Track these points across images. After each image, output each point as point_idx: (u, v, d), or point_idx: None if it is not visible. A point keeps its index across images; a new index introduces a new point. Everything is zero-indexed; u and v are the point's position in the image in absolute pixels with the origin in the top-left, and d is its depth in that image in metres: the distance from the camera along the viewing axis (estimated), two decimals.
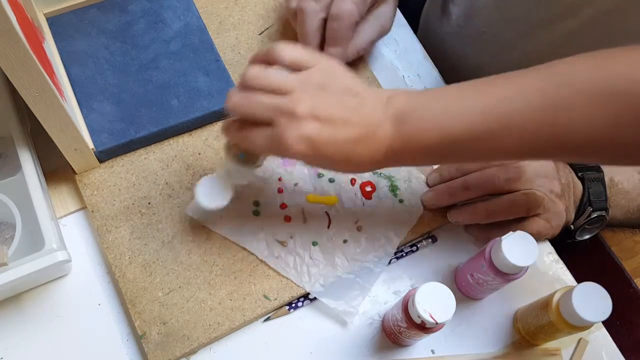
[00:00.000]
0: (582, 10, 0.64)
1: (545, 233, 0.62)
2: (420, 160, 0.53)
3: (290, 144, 0.47)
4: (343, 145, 0.48)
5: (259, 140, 0.49)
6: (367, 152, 0.49)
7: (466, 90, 0.49)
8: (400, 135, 0.48)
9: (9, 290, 0.58)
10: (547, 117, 0.45)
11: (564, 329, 0.54)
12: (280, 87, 0.48)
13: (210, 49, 0.69)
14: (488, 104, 0.47)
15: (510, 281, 0.55)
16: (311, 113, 0.47)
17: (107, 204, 0.62)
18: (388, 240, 0.62)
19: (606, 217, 0.62)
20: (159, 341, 0.56)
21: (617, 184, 0.64)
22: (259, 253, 0.60)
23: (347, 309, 0.59)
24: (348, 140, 0.48)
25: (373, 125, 0.48)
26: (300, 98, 0.47)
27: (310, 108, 0.47)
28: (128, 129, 0.63)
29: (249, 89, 0.49)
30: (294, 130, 0.47)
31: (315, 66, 0.50)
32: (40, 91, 0.49)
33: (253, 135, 0.49)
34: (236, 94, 0.49)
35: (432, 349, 0.60)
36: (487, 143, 0.47)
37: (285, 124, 0.47)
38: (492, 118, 0.47)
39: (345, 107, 0.48)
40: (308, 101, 0.47)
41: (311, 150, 0.47)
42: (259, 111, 0.48)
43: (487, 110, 0.47)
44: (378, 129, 0.48)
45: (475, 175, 0.62)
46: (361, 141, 0.48)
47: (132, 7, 0.70)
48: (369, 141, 0.49)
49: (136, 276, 0.59)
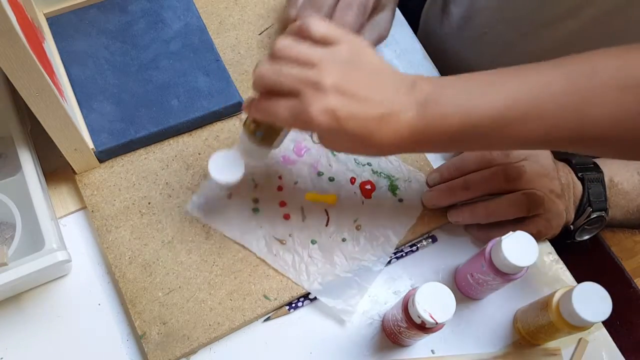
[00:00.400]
0: (582, 11, 0.64)
1: (545, 233, 0.62)
2: (442, 146, 0.53)
3: (313, 115, 0.46)
4: (365, 122, 0.47)
5: (282, 111, 0.48)
6: (389, 133, 0.48)
7: (491, 77, 0.49)
8: (424, 120, 0.48)
9: (9, 290, 0.58)
10: (571, 107, 0.46)
11: (564, 329, 0.54)
12: (309, 59, 0.48)
13: (210, 49, 0.69)
14: (513, 91, 0.47)
15: (510, 281, 0.55)
16: (337, 86, 0.47)
17: (107, 204, 0.62)
18: (387, 239, 0.62)
19: (606, 217, 0.62)
20: (159, 341, 0.56)
21: (617, 185, 0.64)
22: (258, 251, 0.61)
23: (345, 307, 0.59)
24: (371, 117, 0.47)
25: (397, 107, 0.48)
26: (328, 71, 0.47)
27: (337, 81, 0.47)
28: (128, 129, 0.63)
29: (277, 59, 0.49)
30: (319, 102, 0.47)
31: (344, 43, 0.49)
32: (40, 91, 0.49)
33: (277, 106, 0.49)
34: (264, 64, 0.49)
35: (432, 349, 0.60)
36: (509, 130, 0.48)
37: (310, 95, 0.47)
38: (516, 106, 0.47)
39: (371, 86, 0.48)
40: (335, 75, 0.47)
41: (333, 123, 0.47)
42: (285, 81, 0.48)
43: (511, 97, 0.47)
44: (401, 112, 0.48)
45: (476, 175, 0.62)
46: (384, 121, 0.48)
47: (132, 7, 0.70)
48: (392, 122, 0.48)
49: (136, 276, 0.59)
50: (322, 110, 0.47)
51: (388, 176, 0.66)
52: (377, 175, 0.66)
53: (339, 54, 0.49)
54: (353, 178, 0.65)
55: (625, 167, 0.64)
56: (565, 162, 0.65)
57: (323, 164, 0.66)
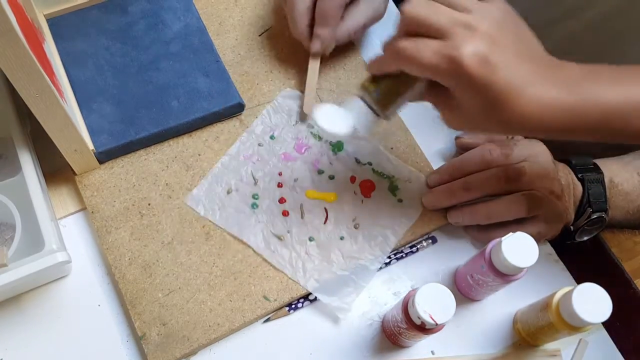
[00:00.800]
0: (583, 12, 0.64)
1: (545, 234, 0.62)
2: (587, 131, 0.49)
3: (464, 56, 0.44)
4: (516, 78, 0.45)
5: (426, 50, 0.45)
6: (534, 102, 0.45)
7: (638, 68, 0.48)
8: (572, 100, 0.46)
9: (9, 291, 0.58)
10: None
11: (564, 329, 0.54)
12: (462, 4, 0.46)
13: (210, 50, 0.69)
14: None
15: (510, 282, 0.55)
16: (491, 34, 0.45)
17: (107, 205, 0.62)
18: (385, 239, 0.62)
19: (606, 218, 0.62)
20: (158, 342, 0.56)
21: (617, 185, 0.64)
22: (256, 246, 0.61)
23: (341, 305, 0.59)
24: (522, 76, 0.45)
25: (547, 78, 0.46)
26: (482, 17, 0.45)
27: (491, 30, 0.45)
28: (128, 130, 0.63)
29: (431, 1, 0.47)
30: (471, 44, 0.44)
31: (498, 3, 0.48)
32: (40, 92, 0.49)
33: (422, 44, 0.46)
34: (418, 1, 0.47)
35: (432, 350, 0.60)
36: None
37: (462, 35, 0.44)
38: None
39: (525, 47, 0.47)
40: (489, 23, 0.45)
41: (484, 70, 0.44)
42: (438, 19, 0.45)
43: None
44: (551, 85, 0.46)
45: (476, 176, 0.62)
46: (533, 86, 0.45)
47: (132, 8, 0.70)
48: (540, 91, 0.45)
49: (136, 277, 0.59)
50: (474, 52, 0.44)
51: (388, 176, 0.66)
52: (378, 175, 0.66)
53: (494, 10, 0.47)
54: (353, 177, 0.65)
55: (625, 168, 0.64)
56: (565, 162, 0.65)
57: (323, 162, 0.66)
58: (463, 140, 0.67)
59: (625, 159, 0.65)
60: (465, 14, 0.46)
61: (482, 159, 0.62)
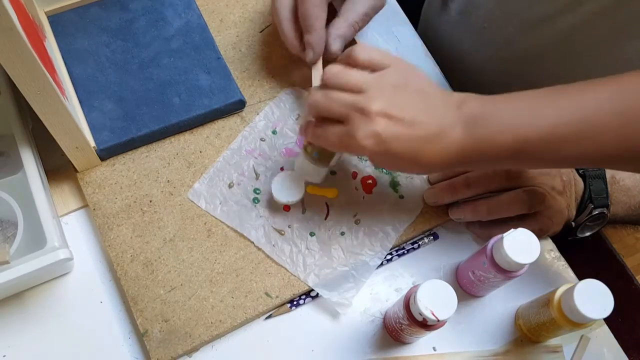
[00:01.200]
0: (582, 6, 0.64)
1: (546, 230, 0.62)
2: (490, 164, 0.54)
3: (359, 139, 0.49)
4: (412, 143, 0.49)
5: (332, 136, 0.52)
6: (437, 153, 0.50)
7: (539, 96, 0.50)
8: (472, 138, 0.49)
9: (11, 289, 0.58)
10: (621, 126, 0.46)
11: (565, 325, 0.54)
12: (357, 85, 0.51)
13: (211, 47, 0.69)
14: (563, 110, 0.48)
15: (511, 278, 0.55)
16: (383, 111, 0.49)
17: (109, 202, 0.62)
18: (386, 235, 0.62)
19: (607, 214, 0.62)
20: (160, 339, 0.56)
21: (619, 181, 0.64)
22: (256, 240, 0.61)
23: (340, 300, 0.59)
24: (417, 139, 0.49)
25: (444, 127, 0.50)
26: (374, 96, 0.50)
27: (383, 106, 0.49)
28: (129, 127, 0.63)
29: (328, 86, 0.52)
30: (365, 127, 0.49)
31: (390, 66, 0.52)
32: (42, 89, 0.49)
33: (327, 132, 0.52)
34: (317, 92, 0.52)
35: (433, 346, 0.60)
36: (560, 149, 0.48)
37: (357, 120, 0.49)
38: (565, 124, 0.48)
39: (418, 107, 0.50)
40: (382, 100, 0.49)
41: (379, 147, 0.49)
42: (335, 108, 0.51)
43: (561, 116, 0.48)
44: (449, 131, 0.50)
45: (477, 173, 0.62)
46: (431, 141, 0.49)
47: (133, 5, 0.70)
48: (439, 142, 0.50)
49: (138, 274, 0.59)
50: (369, 134, 0.49)
51: (390, 172, 0.66)
52: (379, 171, 0.66)
53: (386, 78, 0.51)
54: (355, 173, 0.65)
55: None
56: None
57: None
58: None
59: None
60: (360, 95, 0.50)
61: None
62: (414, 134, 0.49)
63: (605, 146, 0.48)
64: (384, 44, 0.75)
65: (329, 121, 0.52)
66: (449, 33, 0.84)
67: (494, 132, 0.49)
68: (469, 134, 0.49)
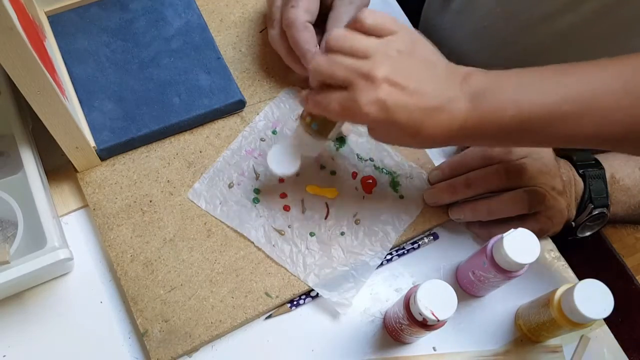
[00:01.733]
0: (583, 5, 0.64)
1: (546, 230, 0.62)
2: (492, 140, 0.53)
3: (363, 105, 0.47)
4: (415, 113, 0.48)
5: (334, 103, 0.49)
6: (439, 125, 0.49)
7: (545, 72, 0.49)
8: (476, 113, 0.49)
9: (11, 289, 0.58)
10: (627, 104, 0.46)
11: (565, 325, 0.54)
12: (361, 50, 0.49)
13: (211, 47, 0.69)
14: (568, 87, 0.48)
15: (511, 278, 0.55)
16: (388, 78, 0.47)
17: (109, 202, 0.62)
18: (386, 235, 0.62)
19: (607, 214, 0.62)
20: (160, 339, 0.56)
21: (619, 181, 0.64)
22: (256, 240, 0.61)
23: (341, 300, 0.59)
24: (421, 109, 0.48)
25: (448, 99, 0.49)
26: (380, 62, 0.48)
27: (388, 73, 0.48)
28: (129, 127, 0.63)
29: (331, 51, 0.50)
30: (369, 93, 0.47)
31: (397, 33, 0.50)
32: (42, 89, 0.49)
33: (329, 98, 0.50)
34: (319, 55, 0.50)
35: (433, 346, 0.60)
36: (564, 126, 0.48)
37: (361, 86, 0.48)
38: (571, 101, 0.47)
39: (423, 77, 0.49)
40: (387, 66, 0.48)
41: (383, 114, 0.48)
42: (338, 72, 0.49)
43: (567, 93, 0.47)
44: (453, 104, 0.49)
45: (477, 173, 0.62)
46: (434, 113, 0.48)
47: (133, 5, 0.70)
48: (442, 114, 0.49)
49: (138, 274, 0.59)
50: (372, 101, 0.47)
51: (390, 172, 0.66)
52: (379, 171, 0.66)
53: (392, 44, 0.49)
54: (355, 172, 0.65)
55: (626, 163, 0.64)
56: (567, 159, 0.65)
57: (325, 158, 0.66)
58: None
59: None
60: (364, 60, 0.48)
61: (484, 156, 0.62)
62: (418, 104, 0.48)
63: (611, 125, 0.47)
64: None
65: (331, 88, 0.50)
66: (449, 33, 0.84)
67: (498, 107, 0.48)
68: (473, 108, 0.49)
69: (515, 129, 0.49)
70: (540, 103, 0.48)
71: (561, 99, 0.48)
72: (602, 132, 0.48)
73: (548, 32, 0.70)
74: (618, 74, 0.47)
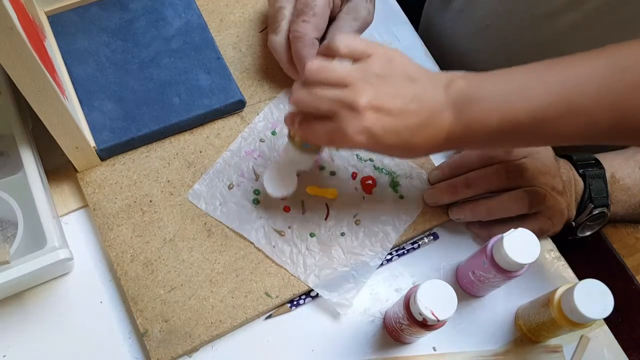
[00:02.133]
0: (585, 3, 0.64)
1: (546, 230, 0.62)
2: (480, 145, 0.54)
3: (350, 135, 0.48)
4: (403, 133, 0.49)
5: (321, 133, 0.50)
6: (427, 138, 0.49)
7: (527, 73, 0.49)
8: (461, 121, 0.49)
9: (11, 289, 0.58)
10: (611, 100, 0.46)
11: (565, 325, 0.54)
12: (341, 79, 0.49)
13: (211, 47, 0.69)
14: (551, 87, 0.47)
15: (511, 278, 0.55)
16: (371, 104, 0.48)
17: (109, 202, 0.62)
18: (386, 235, 0.62)
19: (607, 213, 0.62)
20: (160, 339, 0.56)
21: (619, 180, 0.64)
22: (256, 241, 0.61)
23: (341, 300, 0.59)
24: (408, 128, 0.49)
25: (433, 112, 0.49)
26: (361, 89, 0.48)
27: (370, 99, 0.48)
28: (129, 127, 0.63)
29: (311, 83, 0.50)
30: (355, 123, 0.48)
31: (373, 55, 0.50)
32: (42, 89, 0.49)
33: (315, 129, 0.50)
34: (299, 88, 0.51)
35: (433, 346, 0.60)
36: (550, 127, 0.48)
37: (346, 116, 0.48)
38: (556, 101, 0.47)
39: (405, 95, 0.49)
40: (368, 92, 0.48)
41: (371, 141, 0.48)
42: (321, 105, 0.49)
43: (551, 93, 0.47)
44: (438, 116, 0.49)
45: (477, 173, 0.62)
46: (421, 129, 0.49)
47: (133, 5, 0.70)
48: (429, 128, 0.49)
49: (138, 274, 0.59)
50: (360, 130, 0.48)
51: (390, 172, 0.66)
52: (379, 172, 0.66)
53: (370, 68, 0.49)
54: (355, 173, 0.65)
55: (626, 162, 0.64)
56: (567, 158, 0.65)
57: (325, 158, 0.66)
58: None
59: (627, 153, 0.65)
60: (345, 90, 0.48)
61: (484, 155, 0.62)
62: (404, 124, 0.48)
63: (598, 123, 0.47)
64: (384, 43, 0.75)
65: (315, 117, 0.51)
66: (450, 32, 0.84)
67: (482, 115, 0.48)
68: (458, 118, 0.49)
69: (501, 134, 0.49)
70: (523, 106, 0.48)
71: (545, 102, 0.47)
72: (588, 131, 0.48)
73: (550, 31, 0.70)
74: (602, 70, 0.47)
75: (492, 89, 0.49)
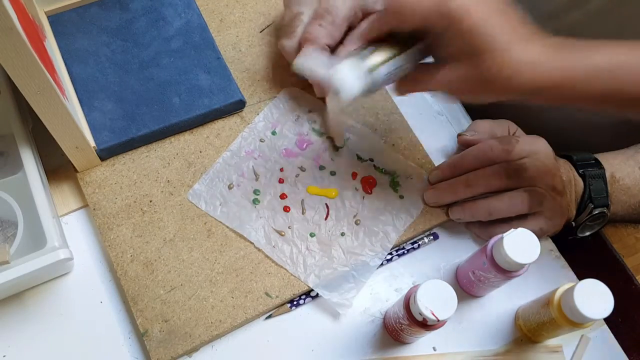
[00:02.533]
0: (588, 3, 0.64)
1: (546, 230, 0.62)
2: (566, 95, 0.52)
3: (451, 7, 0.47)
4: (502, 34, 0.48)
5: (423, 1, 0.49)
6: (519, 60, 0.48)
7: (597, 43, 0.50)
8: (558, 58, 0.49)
9: (11, 289, 0.58)
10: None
11: (565, 325, 0.54)
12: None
13: (211, 47, 0.69)
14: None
15: (511, 278, 0.55)
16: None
17: (109, 201, 0.62)
18: (386, 235, 0.62)
19: (607, 213, 0.62)
20: (160, 339, 0.56)
21: (619, 180, 0.64)
22: (256, 241, 0.61)
23: (341, 300, 0.59)
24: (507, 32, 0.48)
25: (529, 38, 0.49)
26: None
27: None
28: (129, 127, 0.63)
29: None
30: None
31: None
32: (42, 89, 0.49)
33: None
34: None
35: (433, 346, 0.60)
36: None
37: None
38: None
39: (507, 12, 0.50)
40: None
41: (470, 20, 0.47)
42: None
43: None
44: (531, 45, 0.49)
45: (477, 173, 0.62)
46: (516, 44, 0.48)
47: (133, 4, 0.70)
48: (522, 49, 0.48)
49: (138, 274, 0.59)
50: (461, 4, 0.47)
51: (390, 172, 0.66)
52: (379, 172, 0.66)
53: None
54: (354, 173, 0.65)
55: (626, 162, 0.64)
56: (566, 158, 0.65)
57: (325, 158, 0.66)
58: (464, 137, 0.67)
59: (627, 153, 0.65)
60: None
61: (484, 156, 0.62)
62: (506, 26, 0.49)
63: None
64: None
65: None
66: None
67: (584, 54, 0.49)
68: (559, 53, 0.49)
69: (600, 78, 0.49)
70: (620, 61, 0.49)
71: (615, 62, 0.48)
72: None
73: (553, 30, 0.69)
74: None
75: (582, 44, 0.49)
